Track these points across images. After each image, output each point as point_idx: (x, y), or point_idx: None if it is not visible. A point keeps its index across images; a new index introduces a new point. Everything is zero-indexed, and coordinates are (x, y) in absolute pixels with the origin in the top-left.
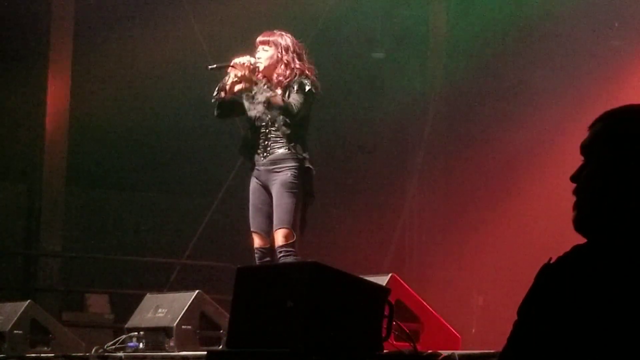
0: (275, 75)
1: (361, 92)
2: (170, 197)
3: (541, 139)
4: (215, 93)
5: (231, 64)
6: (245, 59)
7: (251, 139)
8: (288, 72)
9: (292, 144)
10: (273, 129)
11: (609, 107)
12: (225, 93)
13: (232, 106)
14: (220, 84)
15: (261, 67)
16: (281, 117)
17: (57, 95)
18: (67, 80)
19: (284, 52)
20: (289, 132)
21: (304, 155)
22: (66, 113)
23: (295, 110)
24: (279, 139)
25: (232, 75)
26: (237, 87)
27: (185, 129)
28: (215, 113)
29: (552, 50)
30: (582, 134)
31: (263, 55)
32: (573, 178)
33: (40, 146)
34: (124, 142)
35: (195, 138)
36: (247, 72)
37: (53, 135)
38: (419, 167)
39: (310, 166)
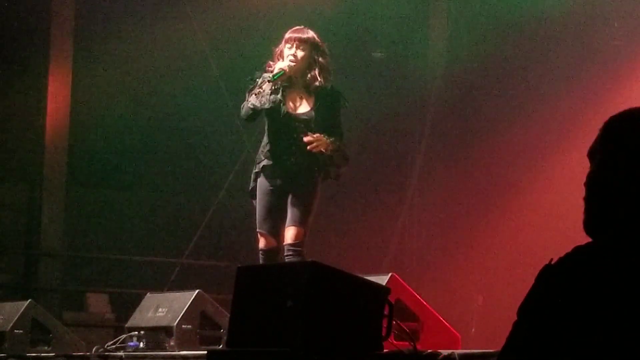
0: (309, 77)
1: (361, 92)
2: (169, 197)
3: (542, 138)
4: (271, 98)
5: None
6: (283, 65)
7: (278, 143)
8: (320, 74)
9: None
10: (300, 133)
11: (608, 108)
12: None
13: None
14: (269, 91)
15: (294, 69)
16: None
17: (57, 95)
18: (67, 80)
19: (318, 56)
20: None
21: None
22: (66, 113)
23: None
24: (304, 144)
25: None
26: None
27: (186, 128)
28: (246, 116)
29: (552, 50)
30: (583, 134)
31: (299, 54)
32: (585, 183)
33: (40, 146)
34: (125, 141)
35: (196, 138)
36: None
37: (53, 134)
38: (419, 167)
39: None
